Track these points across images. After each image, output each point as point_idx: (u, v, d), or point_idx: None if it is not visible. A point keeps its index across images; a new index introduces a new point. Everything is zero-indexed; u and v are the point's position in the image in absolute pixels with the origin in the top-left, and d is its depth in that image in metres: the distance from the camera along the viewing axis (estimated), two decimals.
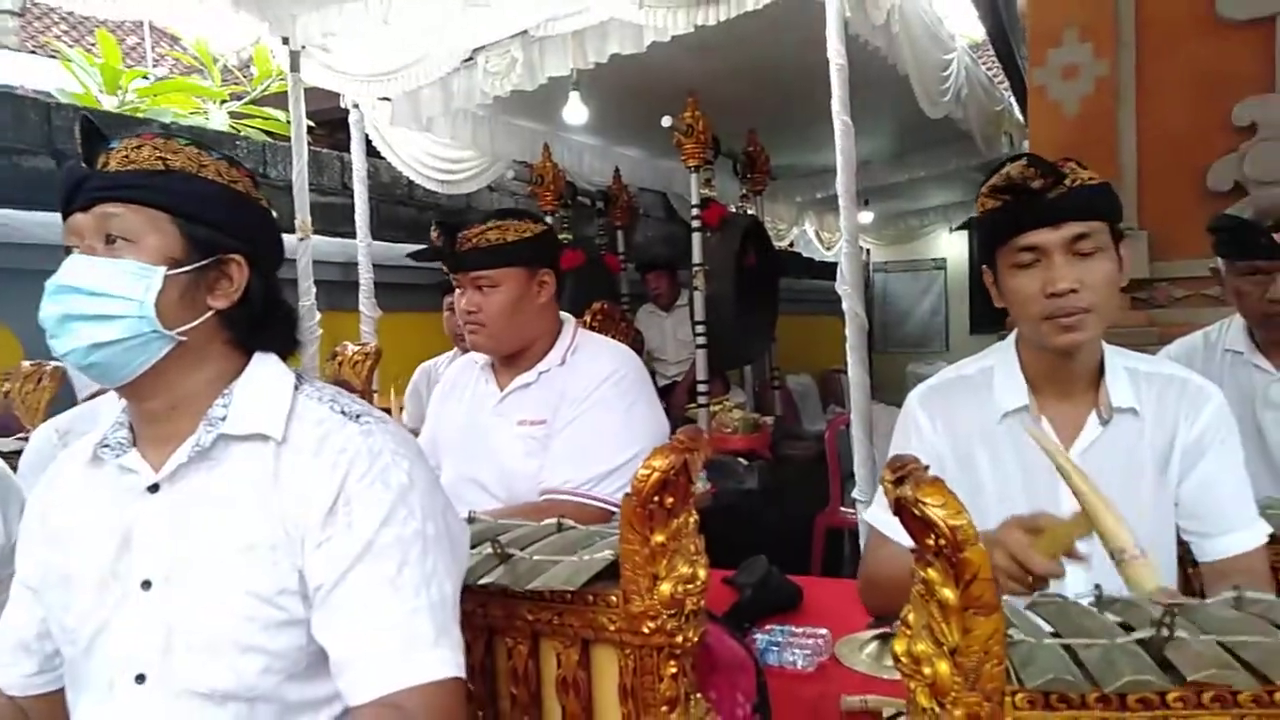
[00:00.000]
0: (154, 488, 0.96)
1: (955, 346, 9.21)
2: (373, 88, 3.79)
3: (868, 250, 9.53)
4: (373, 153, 4.26)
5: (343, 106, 4.15)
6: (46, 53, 7.68)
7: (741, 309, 4.16)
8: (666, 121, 3.65)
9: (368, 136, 4.17)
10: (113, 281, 0.92)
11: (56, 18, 9.18)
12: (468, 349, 1.92)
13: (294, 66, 3.68)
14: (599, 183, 5.36)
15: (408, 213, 5.18)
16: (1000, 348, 1.38)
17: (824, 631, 1.65)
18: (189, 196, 0.96)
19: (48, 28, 9.19)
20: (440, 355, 2.97)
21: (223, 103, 5.99)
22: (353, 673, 0.91)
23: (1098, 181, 1.23)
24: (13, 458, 1.71)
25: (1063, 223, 1.20)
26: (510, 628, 1.14)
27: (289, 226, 3.69)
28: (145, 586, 0.94)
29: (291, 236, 3.64)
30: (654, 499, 1.01)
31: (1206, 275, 2.04)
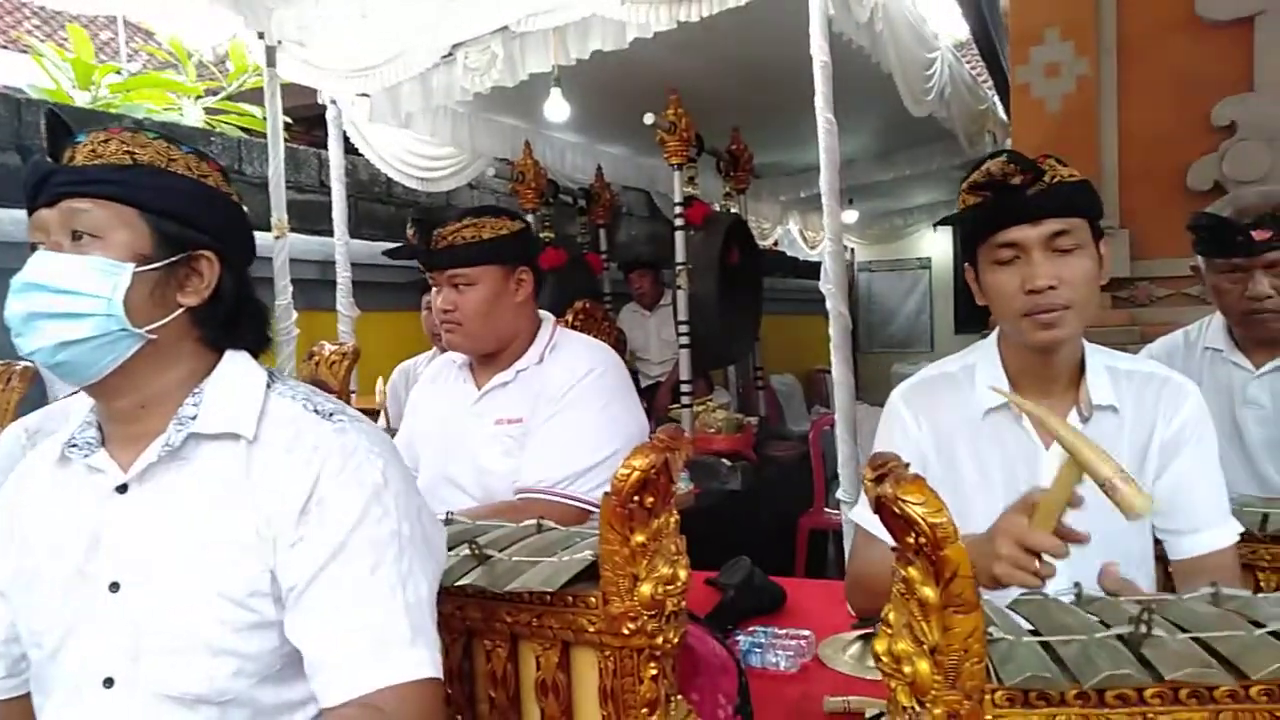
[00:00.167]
0: (122, 488, 0.95)
1: (940, 346, 9.26)
2: (351, 84, 3.75)
3: (852, 250, 9.56)
4: (351, 150, 4.23)
5: (320, 103, 4.11)
6: (17, 48, 7.57)
7: (725, 308, 4.16)
8: (649, 119, 3.64)
9: (346, 133, 4.14)
10: (80, 279, 0.90)
11: (28, 12, 9.07)
12: (445, 348, 1.90)
13: (270, 62, 3.64)
14: (581, 180, 5.34)
15: (386, 210, 5.15)
16: (982, 345, 1.39)
17: (807, 633, 1.65)
18: (157, 191, 0.94)
19: (19, 22, 9.06)
20: (419, 355, 2.95)
21: (198, 98, 5.93)
22: (327, 674, 0.90)
23: (1077, 179, 1.23)
24: None
25: (1042, 219, 1.20)
26: (489, 630, 1.13)
27: (265, 224, 3.65)
28: (114, 588, 0.93)
29: (267, 234, 3.61)
30: (634, 498, 1.00)
31: (1187, 274, 2.06)
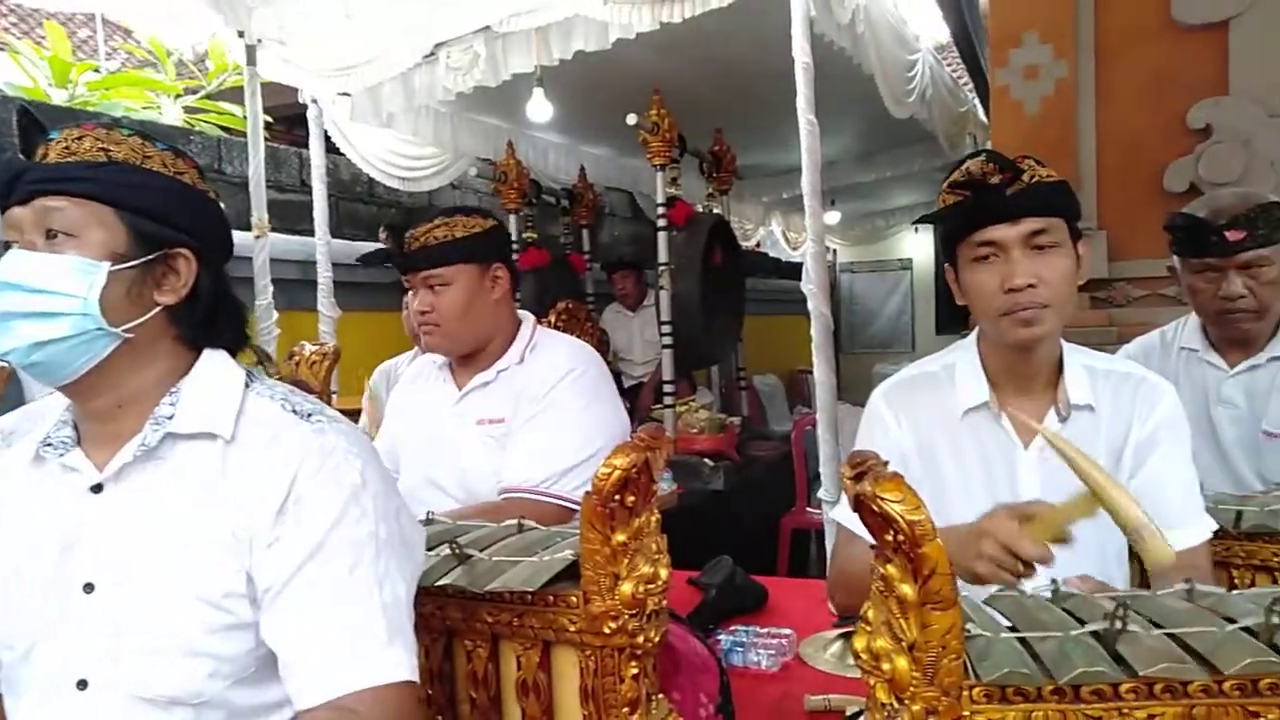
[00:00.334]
0: (97, 488, 0.94)
1: (921, 347, 9.32)
2: (332, 83, 3.73)
3: (834, 250, 9.61)
4: (332, 149, 4.20)
5: (301, 102, 4.08)
6: None
7: (708, 309, 4.16)
8: (632, 119, 3.64)
9: (327, 132, 4.12)
10: (54, 278, 0.89)
11: (5, 9, 8.94)
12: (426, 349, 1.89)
13: (250, 60, 3.62)
14: (564, 181, 5.33)
15: (368, 210, 5.12)
16: (963, 345, 1.39)
17: (788, 631, 1.65)
18: (133, 189, 0.93)
19: None
20: (400, 355, 2.93)
21: (177, 97, 5.87)
22: (302, 675, 0.89)
23: (1055, 179, 1.24)
24: None
25: (1021, 218, 1.21)
26: (469, 630, 1.13)
27: (245, 224, 3.62)
28: (88, 589, 0.92)
29: (248, 234, 3.58)
30: (615, 497, 1.00)
31: (1164, 275, 2.08)
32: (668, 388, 3.92)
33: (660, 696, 1.12)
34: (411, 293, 1.77)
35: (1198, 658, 0.71)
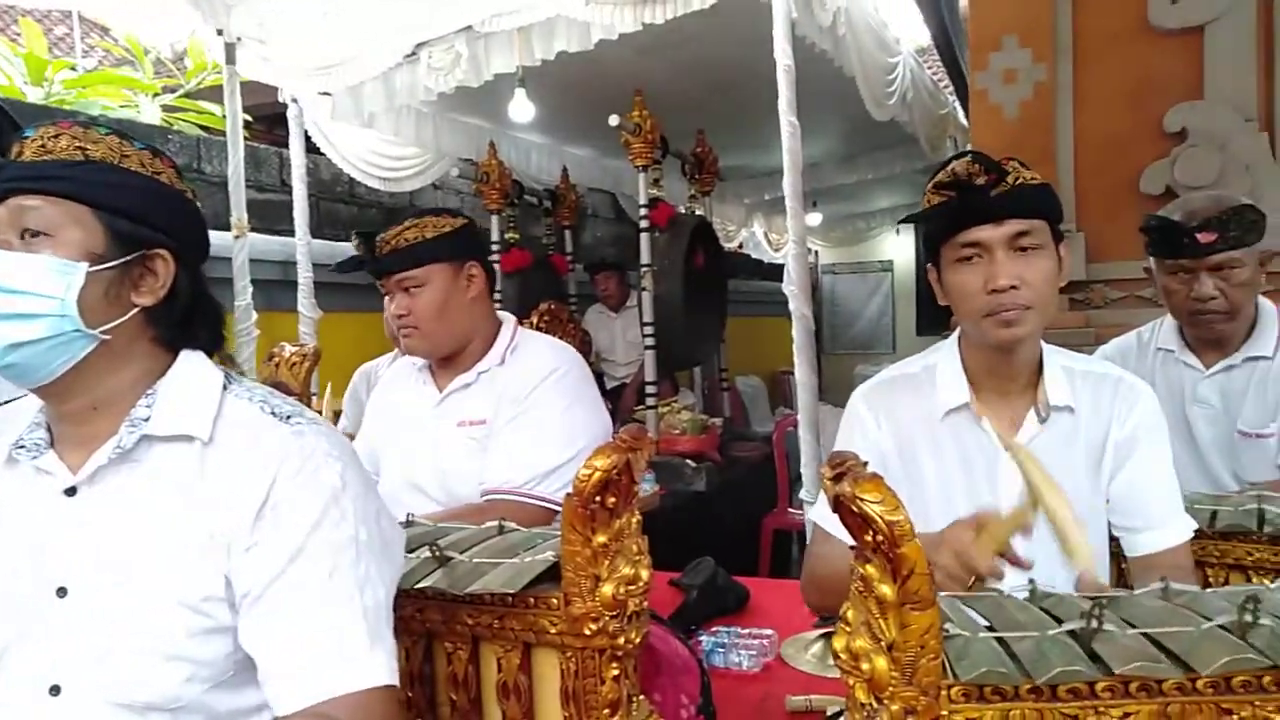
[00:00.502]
0: (71, 491, 0.93)
1: (902, 348, 9.37)
2: (312, 82, 3.71)
3: (816, 252, 9.65)
4: (312, 149, 4.17)
5: (281, 101, 4.05)
6: None
7: (690, 310, 4.17)
8: (614, 120, 3.64)
9: (307, 132, 4.08)
10: (31, 278, 0.88)
11: None
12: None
13: (229, 59, 3.58)
14: (546, 182, 5.32)
15: (349, 211, 5.08)
16: (943, 346, 1.40)
17: (770, 632, 1.66)
18: (110, 188, 0.92)
19: None
20: (381, 357, 2.91)
21: (155, 96, 5.81)
22: (282, 681, 0.89)
23: (1039, 181, 1.25)
24: None
25: (1005, 220, 1.21)
26: (449, 632, 1.13)
27: (225, 224, 3.59)
28: (61, 594, 0.91)
29: (227, 234, 3.55)
30: (596, 499, 1.00)
31: (1141, 277, 2.10)
32: (650, 389, 3.92)
33: (641, 698, 1.12)
34: (388, 298, 1.76)
35: (1173, 656, 0.72)
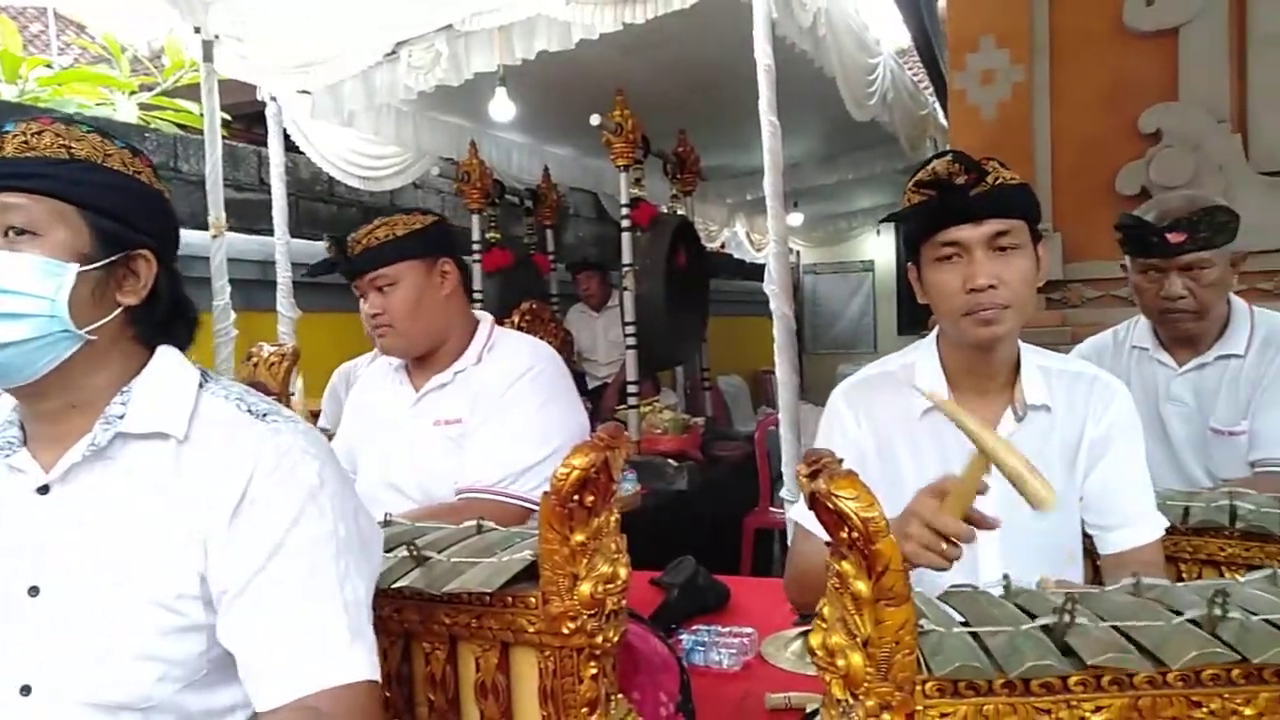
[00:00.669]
0: (44, 489, 0.92)
1: (883, 348, 9.40)
2: (291, 80, 3.68)
3: (797, 252, 9.68)
4: (292, 147, 4.14)
5: (260, 99, 4.02)
6: None
7: (672, 310, 4.17)
8: (595, 120, 3.64)
9: (286, 130, 4.05)
10: (22, 279, 0.87)
11: None
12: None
13: (207, 57, 3.55)
14: (528, 181, 5.31)
15: (328, 210, 5.05)
16: (923, 344, 1.40)
17: (750, 630, 1.66)
18: (95, 188, 0.91)
19: None
20: (360, 357, 2.89)
21: (132, 94, 5.75)
22: (264, 677, 0.88)
23: (1018, 181, 1.25)
24: None
25: (984, 219, 1.22)
26: (427, 632, 1.12)
27: (203, 223, 3.56)
28: (33, 593, 0.90)
29: (205, 233, 3.51)
30: (574, 497, 1.00)
31: (1117, 276, 2.12)
32: (632, 388, 3.92)
33: (620, 696, 1.12)
34: (362, 299, 1.75)
35: (1144, 650, 0.73)
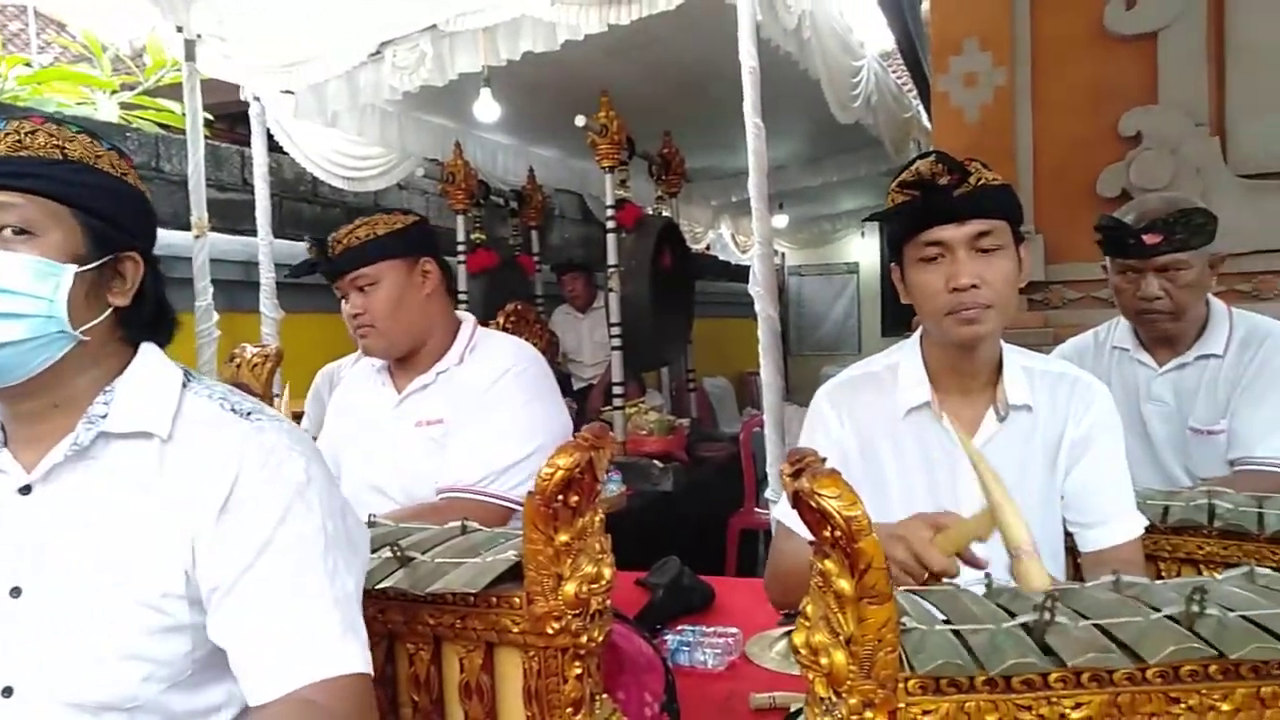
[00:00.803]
0: (26, 489, 0.92)
1: (868, 349, 9.41)
2: (274, 80, 3.66)
3: (782, 254, 9.71)
4: (275, 147, 4.12)
5: (243, 99, 4.00)
6: None
7: (657, 311, 4.17)
8: (580, 121, 3.64)
9: (270, 130, 4.03)
10: (19, 278, 0.87)
11: None
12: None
13: (189, 56, 3.53)
14: (513, 182, 5.30)
15: (312, 210, 5.02)
16: (906, 345, 1.41)
17: (735, 630, 1.66)
18: (88, 189, 0.91)
19: None
20: (344, 358, 2.88)
21: (113, 93, 5.70)
22: (258, 672, 0.88)
23: (1001, 182, 1.27)
24: None
25: (967, 220, 1.23)
26: (411, 633, 1.12)
27: (185, 223, 3.53)
28: (15, 594, 0.90)
29: (187, 234, 3.49)
30: (558, 497, 1.00)
31: (1098, 278, 2.14)
32: (617, 389, 3.92)
33: (604, 696, 1.12)
34: (344, 300, 1.74)
35: (1123, 647, 0.73)
